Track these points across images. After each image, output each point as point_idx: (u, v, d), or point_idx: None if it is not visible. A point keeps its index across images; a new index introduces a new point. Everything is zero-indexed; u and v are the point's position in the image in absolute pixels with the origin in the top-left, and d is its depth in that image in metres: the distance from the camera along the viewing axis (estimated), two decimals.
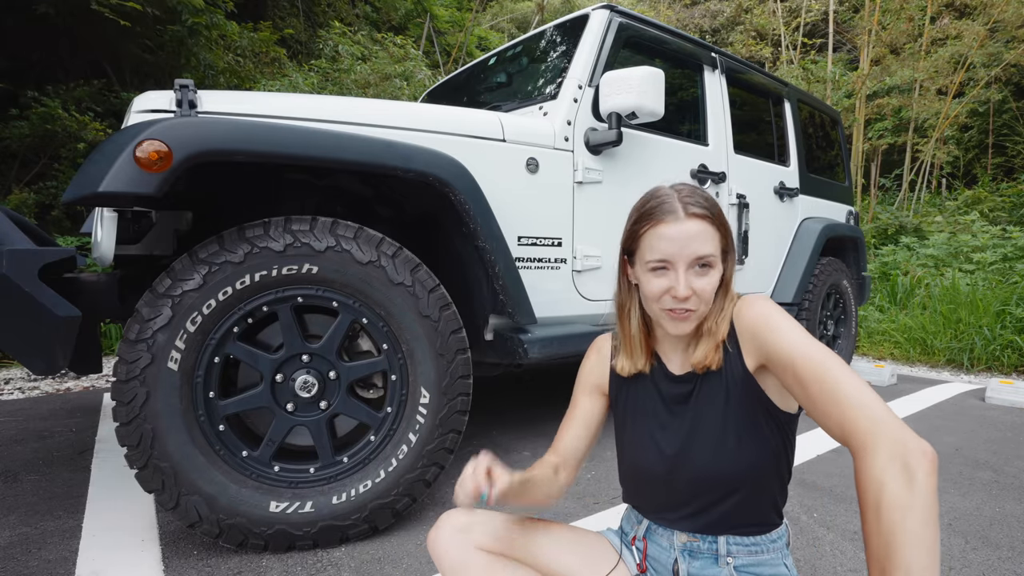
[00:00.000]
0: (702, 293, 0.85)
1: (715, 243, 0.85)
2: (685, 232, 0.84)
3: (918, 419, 2.92)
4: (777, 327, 0.81)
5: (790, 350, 0.78)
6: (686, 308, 0.85)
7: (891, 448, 0.64)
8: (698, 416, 0.89)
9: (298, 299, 1.50)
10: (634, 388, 0.99)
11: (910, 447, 0.64)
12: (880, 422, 0.67)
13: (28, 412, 2.93)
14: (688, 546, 0.91)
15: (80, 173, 1.30)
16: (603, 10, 2.31)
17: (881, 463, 0.64)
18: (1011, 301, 4.49)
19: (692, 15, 13.21)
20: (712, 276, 0.85)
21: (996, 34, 8.01)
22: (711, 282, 0.85)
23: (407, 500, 1.58)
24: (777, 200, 3.19)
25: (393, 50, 7.59)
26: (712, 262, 0.85)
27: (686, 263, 0.84)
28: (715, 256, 0.85)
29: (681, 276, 0.84)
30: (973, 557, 1.50)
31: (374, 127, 1.68)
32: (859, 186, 8.37)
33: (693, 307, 0.85)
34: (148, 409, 1.33)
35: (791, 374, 0.77)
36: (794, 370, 0.77)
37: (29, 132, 4.95)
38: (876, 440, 0.66)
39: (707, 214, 0.85)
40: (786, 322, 0.82)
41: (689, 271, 0.85)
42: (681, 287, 0.84)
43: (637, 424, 0.97)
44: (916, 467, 0.62)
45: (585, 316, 2.19)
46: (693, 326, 0.87)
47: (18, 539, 1.55)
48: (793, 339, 0.79)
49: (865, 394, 0.70)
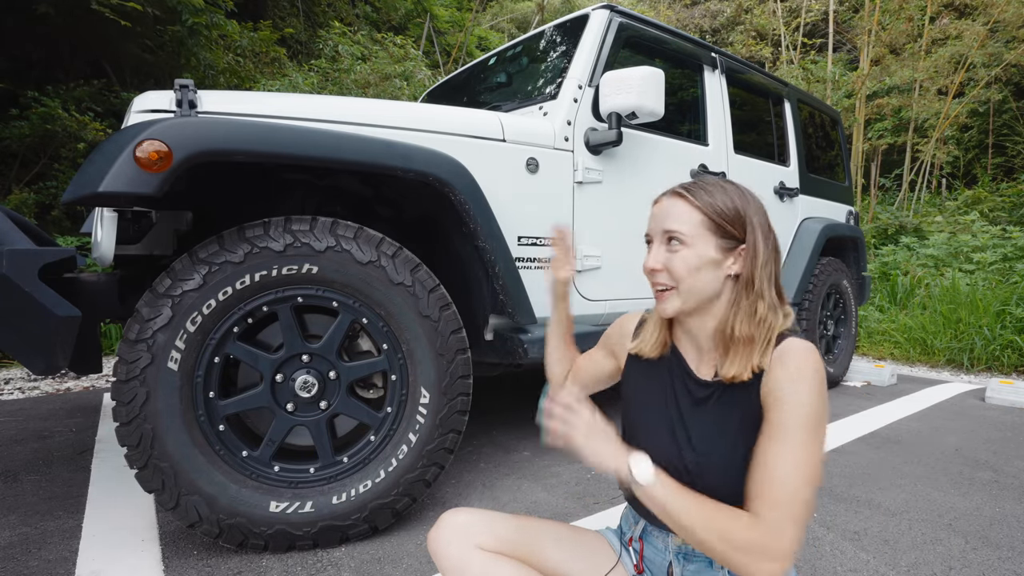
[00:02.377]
0: (673, 270, 0.85)
1: (692, 224, 0.85)
2: (664, 209, 0.88)
3: (918, 419, 2.92)
4: (793, 396, 0.78)
5: (778, 424, 0.78)
6: (662, 284, 0.87)
7: (766, 546, 0.72)
8: (714, 424, 0.87)
9: (298, 299, 1.50)
10: (646, 371, 0.98)
11: (773, 555, 0.71)
12: (776, 522, 0.73)
13: (28, 412, 2.93)
14: (683, 549, 0.90)
15: (80, 173, 1.30)
16: (603, 10, 2.31)
17: (750, 534, 0.72)
18: (1011, 301, 4.49)
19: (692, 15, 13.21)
20: (683, 253, 0.85)
21: (996, 34, 8.01)
22: (683, 259, 0.84)
23: (407, 500, 1.58)
24: (777, 200, 3.19)
25: (393, 50, 7.59)
26: (682, 239, 0.85)
27: (659, 237, 0.88)
28: (684, 235, 0.84)
29: (653, 249, 0.89)
30: (973, 557, 1.50)
31: (374, 127, 1.67)
32: (859, 186, 8.37)
33: (665, 282, 0.86)
34: (148, 409, 1.33)
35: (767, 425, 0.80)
36: (771, 429, 0.79)
37: (29, 132, 4.95)
38: (762, 523, 0.73)
39: (687, 195, 0.86)
40: (808, 400, 0.78)
41: (661, 246, 0.88)
42: (650, 259, 0.88)
43: (649, 411, 0.95)
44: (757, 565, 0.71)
45: (585, 316, 2.19)
46: (675, 308, 0.87)
47: (18, 539, 1.55)
48: (792, 422, 0.77)
49: (788, 492, 0.74)
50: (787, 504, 0.73)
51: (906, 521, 1.72)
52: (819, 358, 0.82)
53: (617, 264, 2.24)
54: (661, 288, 0.88)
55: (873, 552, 1.52)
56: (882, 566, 1.45)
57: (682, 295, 0.86)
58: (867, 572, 1.42)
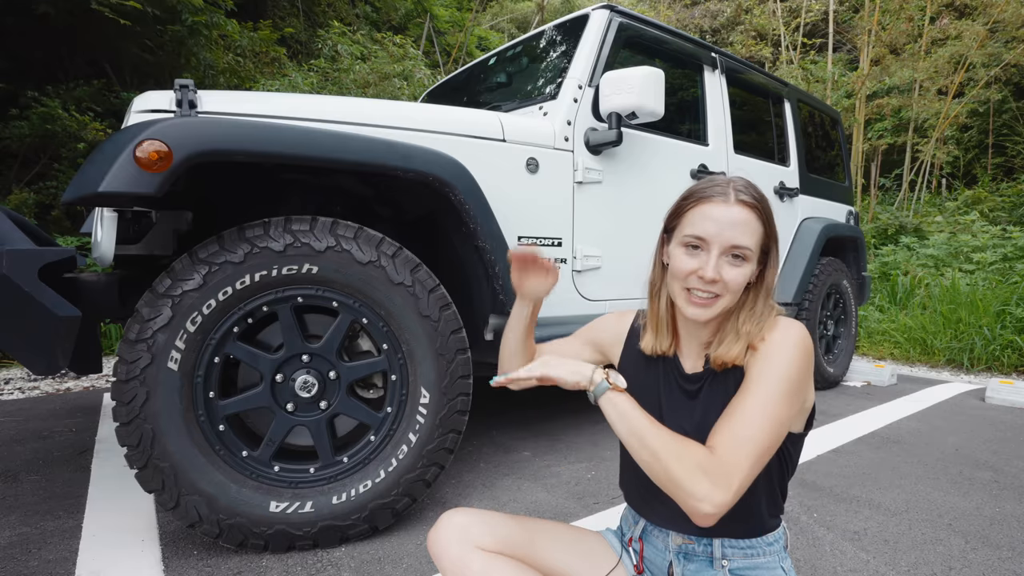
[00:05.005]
0: (731, 283, 0.83)
1: (756, 238, 0.84)
2: (729, 216, 0.83)
3: (918, 419, 2.92)
4: (777, 355, 0.81)
5: (755, 376, 0.81)
6: (711, 293, 0.83)
7: (711, 471, 0.75)
8: (704, 412, 0.88)
9: (298, 299, 1.50)
10: (639, 372, 0.98)
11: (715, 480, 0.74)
12: (729, 453, 0.76)
13: (28, 412, 2.93)
14: (683, 548, 0.91)
15: (80, 173, 1.30)
16: (603, 10, 2.31)
17: (705, 459, 0.76)
18: (1011, 301, 4.49)
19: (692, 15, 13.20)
20: (744, 269, 0.83)
21: (996, 34, 8.01)
22: (742, 274, 0.83)
23: (407, 500, 1.58)
24: (777, 200, 3.19)
25: (392, 49, 7.59)
26: (747, 256, 0.83)
27: (721, 247, 0.83)
28: (751, 251, 0.83)
29: (713, 258, 0.83)
30: (973, 557, 1.50)
31: (374, 127, 1.67)
32: (859, 186, 8.37)
33: (718, 292, 0.83)
34: (148, 409, 1.33)
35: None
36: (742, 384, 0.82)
37: (29, 132, 4.95)
38: (714, 457, 0.76)
39: (756, 205, 0.84)
40: (788, 361, 0.81)
41: (722, 257, 0.83)
42: (710, 268, 0.82)
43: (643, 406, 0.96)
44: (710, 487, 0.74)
45: (585, 316, 2.19)
46: (712, 316, 0.85)
47: (18, 539, 1.55)
48: (769, 374, 0.80)
49: (747, 434, 0.77)
50: (745, 443, 0.75)
51: (906, 521, 1.72)
52: (807, 334, 0.84)
53: (617, 264, 2.24)
54: (706, 295, 0.84)
55: (873, 552, 1.52)
56: (882, 566, 1.45)
57: (724, 305, 0.85)
58: (867, 572, 1.42)
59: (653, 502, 0.94)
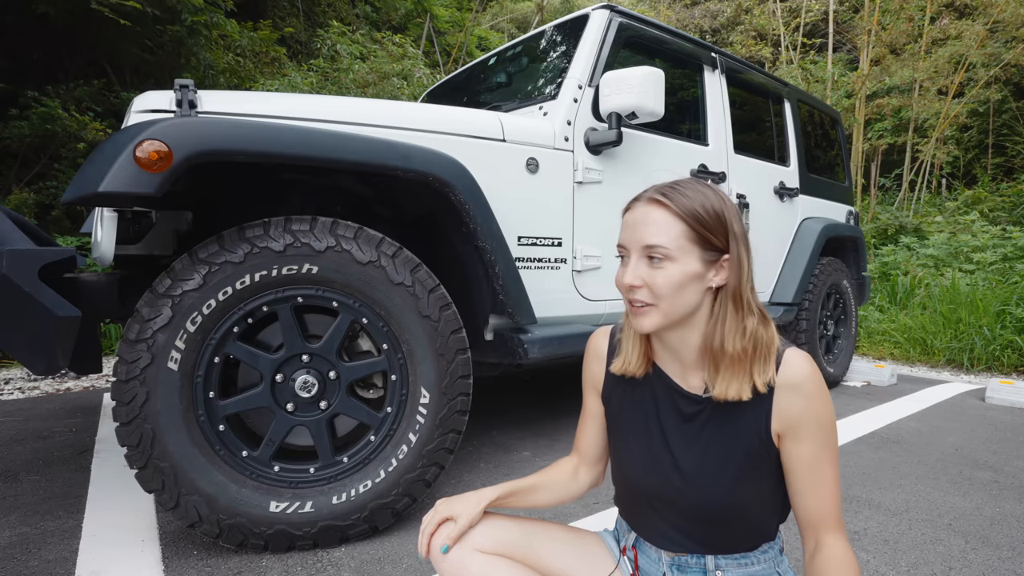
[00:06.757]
0: (655, 286, 0.78)
1: (673, 236, 0.78)
2: (640, 217, 0.80)
3: (918, 419, 2.92)
4: (818, 411, 0.80)
5: (811, 439, 0.81)
6: (640, 301, 0.80)
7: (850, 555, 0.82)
8: (706, 444, 0.85)
9: (298, 299, 1.50)
10: (628, 392, 0.94)
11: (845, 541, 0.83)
12: (837, 520, 0.83)
13: (28, 412, 2.93)
14: (676, 560, 0.89)
15: (80, 173, 1.30)
16: (603, 10, 2.31)
17: (848, 556, 0.81)
18: (1011, 301, 4.49)
19: (692, 15, 13.20)
20: (668, 271, 0.78)
21: (996, 34, 8.01)
22: (666, 276, 0.78)
23: (407, 500, 1.58)
24: (777, 200, 3.19)
25: (392, 49, 7.58)
26: (667, 255, 0.77)
27: (637, 251, 0.80)
28: (667, 248, 0.77)
29: (631, 264, 0.80)
30: (973, 557, 1.50)
31: (374, 127, 1.67)
32: (859, 186, 8.37)
33: (646, 299, 0.79)
34: (148, 409, 1.33)
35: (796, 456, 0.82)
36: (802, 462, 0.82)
37: (29, 132, 4.95)
38: (840, 539, 0.83)
39: (667, 203, 0.78)
40: (827, 407, 0.81)
41: (641, 261, 0.80)
42: (628, 274, 0.80)
43: (631, 432, 0.93)
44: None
45: (585, 316, 2.19)
46: (654, 324, 0.80)
47: (18, 539, 1.55)
48: (825, 439, 0.81)
49: (837, 496, 0.83)
50: (838, 502, 0.83)
51: (906, 521, 1.72)
52: (815, 365, 0.83)
53: (617, 264, 2.24)
54: (639, 304, 0.80)
55: (873, 552, 1.52)
56: (882, 566, 1.45)
57: (663, 312, 0.80)
58: (867, 572, 1.41)
59: (644, 520, 0.93)
